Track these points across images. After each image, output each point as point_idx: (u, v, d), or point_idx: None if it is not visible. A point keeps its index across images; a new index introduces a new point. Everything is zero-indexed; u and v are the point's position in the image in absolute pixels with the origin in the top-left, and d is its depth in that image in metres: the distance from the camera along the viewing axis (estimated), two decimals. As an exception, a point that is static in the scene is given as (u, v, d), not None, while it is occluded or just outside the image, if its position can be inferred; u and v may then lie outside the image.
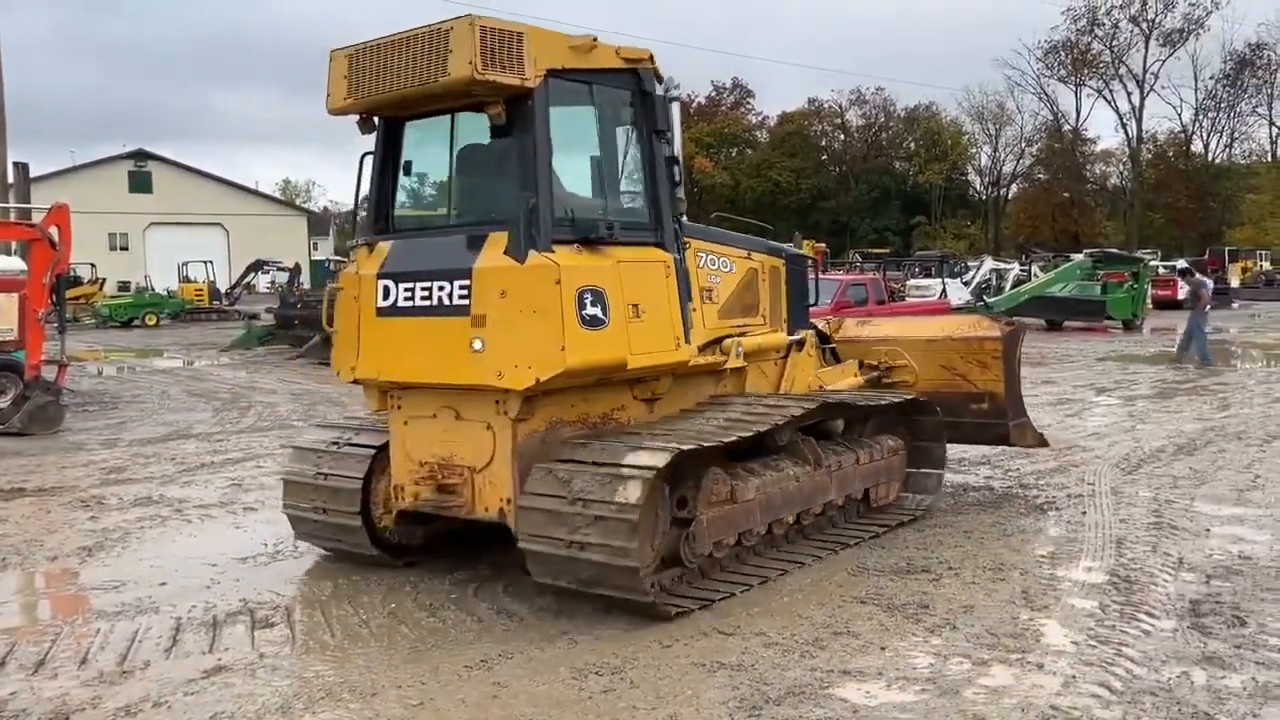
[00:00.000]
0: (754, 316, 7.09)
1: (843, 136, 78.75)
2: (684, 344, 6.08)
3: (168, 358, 24.11)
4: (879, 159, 76.25)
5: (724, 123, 75.19)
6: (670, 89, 6.14)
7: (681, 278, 6.10)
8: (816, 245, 42.44)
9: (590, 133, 5.95)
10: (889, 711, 4.31)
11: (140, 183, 60.48)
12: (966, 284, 32.45)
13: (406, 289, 5.75)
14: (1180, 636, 5.08)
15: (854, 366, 8.31)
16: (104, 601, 6.02)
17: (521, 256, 5.38)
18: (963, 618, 5.38)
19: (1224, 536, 6.89)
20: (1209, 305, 19.77)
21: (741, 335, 6.83)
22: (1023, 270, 35.82)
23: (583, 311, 5.45)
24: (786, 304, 7.51)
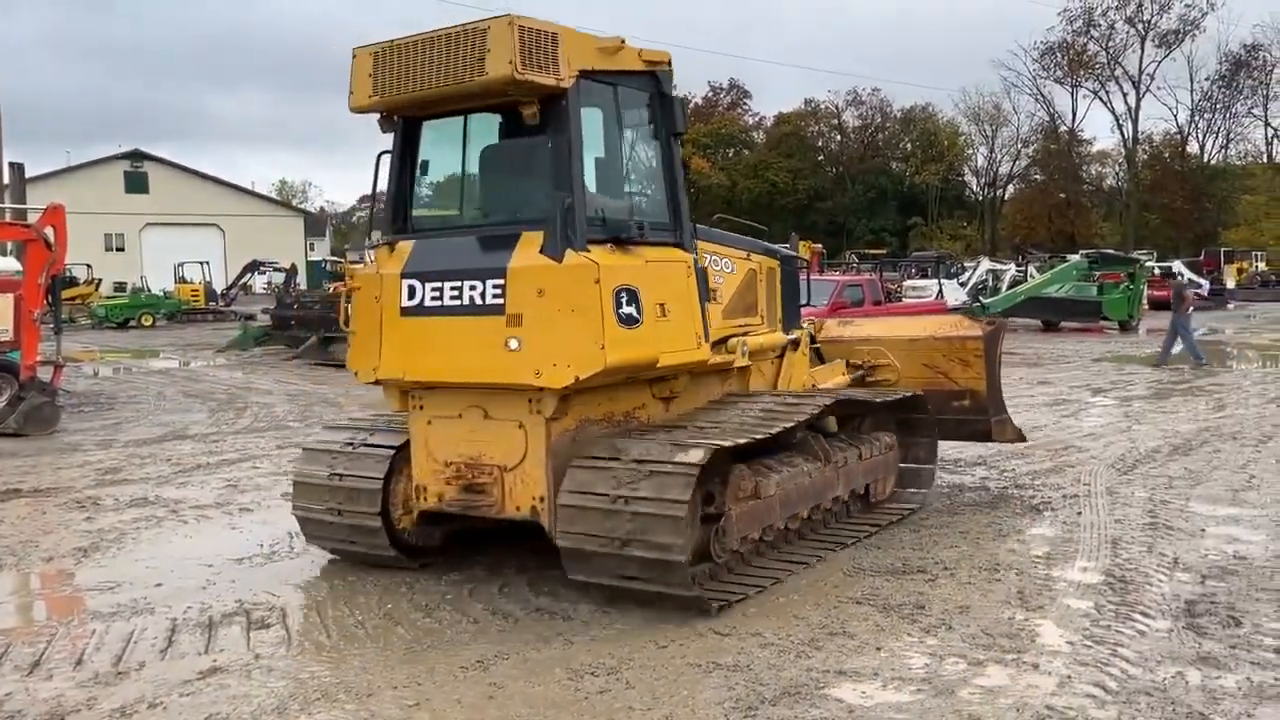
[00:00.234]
0: (753, 316, 7.14)
1: (839, 137, 78.74)
2: (704, 343, 6.16)
3: (164, 358, 24.09)
4: (875, 160, 76.25)
5: (721, 123, 75.18)
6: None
7: (700, 278, 6.19)
8: (813, 246, 42.44)
9: (614, 134, 6.03)
10: (884, 712, 4.31)
11: (136, 183, 60.40)
12: (963, 285, 32.51)
13: (434, 288, 5.72)
14: (1175, 636, 5.08)
15: (842, 365, 8.43)
16: (99, 602, 6.01)
17: (559, 256, 5.40)
18: (958, 618, 5.39)
19: (1219, 537, 6.90)
20: (1192, 307, 19.83)
21: (745, 335, 6.88)
22: (1019, 271, 35.86)
23: (620, 310, 5.49)
24: (781, 304, 7.57)
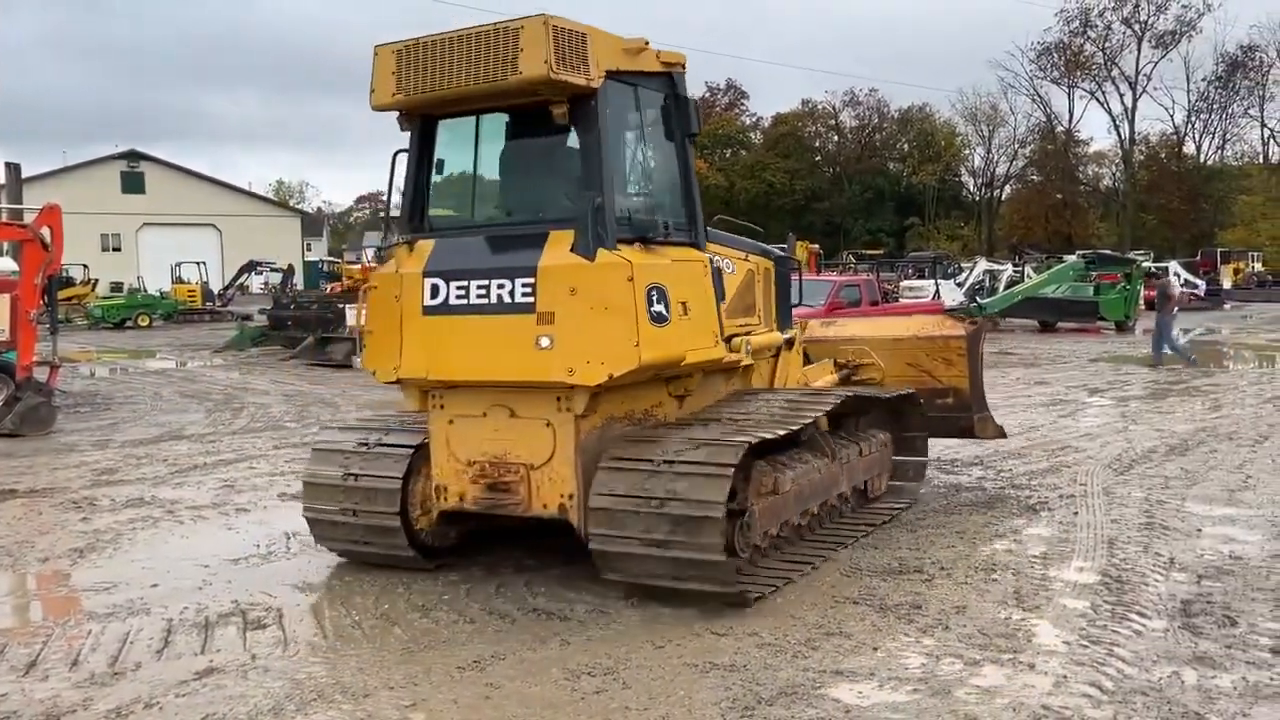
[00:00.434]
0: (752, 316, 7.19)
1: (836, 138, 78.80)
2: (720, 341, 6.24)
3: (160, 359, 24.07)
4: (873, 160, 76.32)
5: (718, 124, 75.20)
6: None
7: (716, 277, 6.26)
8: (810, 246, 42.48)
9: (636, 134, 6.09)
10: (881, 712, 4.31)
11: (133, 183, 60.35)
12: (960, 285, 32.54)
13: (459, 287, 5.71)
14: (1171, 636, 5.09)
15: (830, 365, 8.52)
16: (95, 603, 6.00)
17: (591, 255, 5.43)
18: (955, 618, 5.40)
19: (1215, 537, 6.91)
20: (1177, 307, 19.88)
21: (747, 335, 6.92)
22: (1016, 271, 35.89)
23: (651, 308, 5.56)
24: (775, 305, 7.63)
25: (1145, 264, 36.60)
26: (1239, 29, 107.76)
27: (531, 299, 5.50)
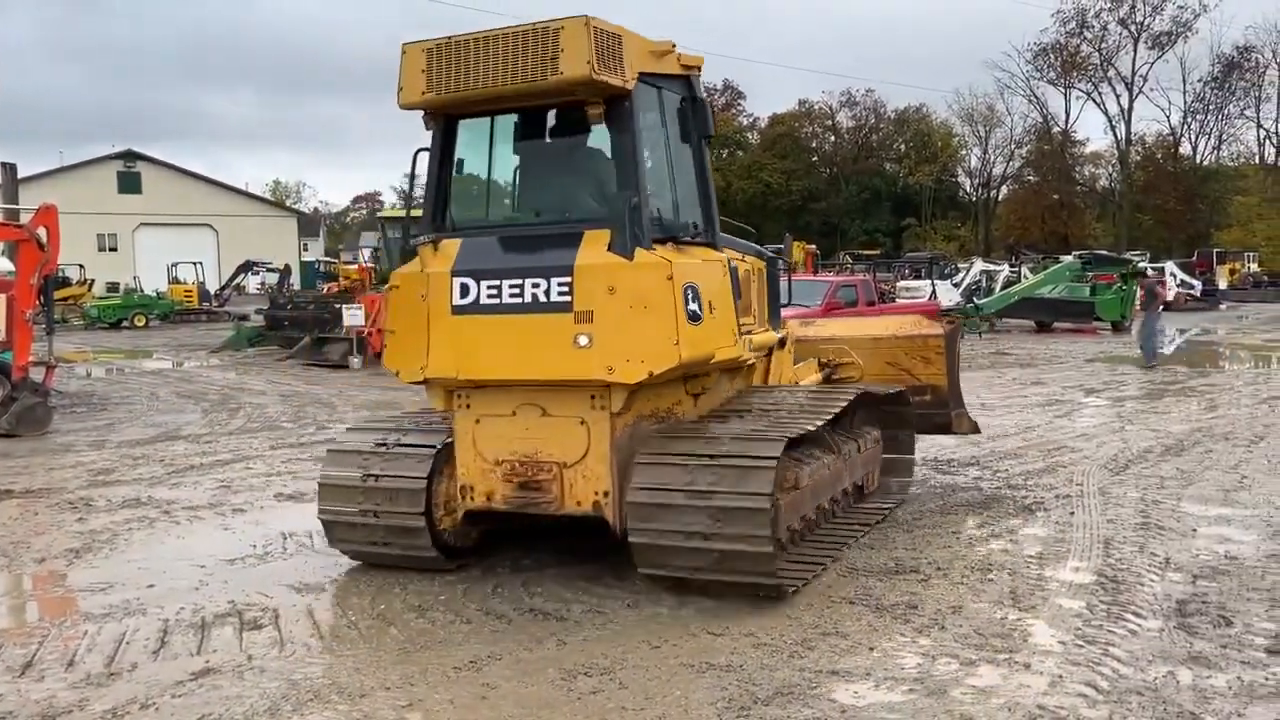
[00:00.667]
0: (748, 316, 7.20)
1: (833, 138, 78.82)
2: (739, 340, 6.32)
3: (157, 359, 24.04)
4: (869, 160, 76.35)
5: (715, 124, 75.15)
6: None
7: (733, 277, 6.32)
8: (807, 247, 42.53)
9: (660, 136, 6.13)
10: (877, 711, 4.32)
11: (129, 183, 60.28)
12: (956, 285, 32.59)
13: (491, 286, 5.70)
14: (1166, 636, 5.10)
15: (814, 364, 8.59)
16: (92, 603, 6.00)
17: (629, 254, 5.48)
18: (951, 618, 5.40)
19: (1210, 537, 6.92)
20: (1162, 306, 19.97)
21: (748, 334, 6.96)
22: (1012, 272, 35.94)
23: (688, 306, 5.61)
24: (767, 304, 7.65)
25: (1141, 264, 36.68)
26: (1235, 30, 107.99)
27: (568, 298, 5.51)
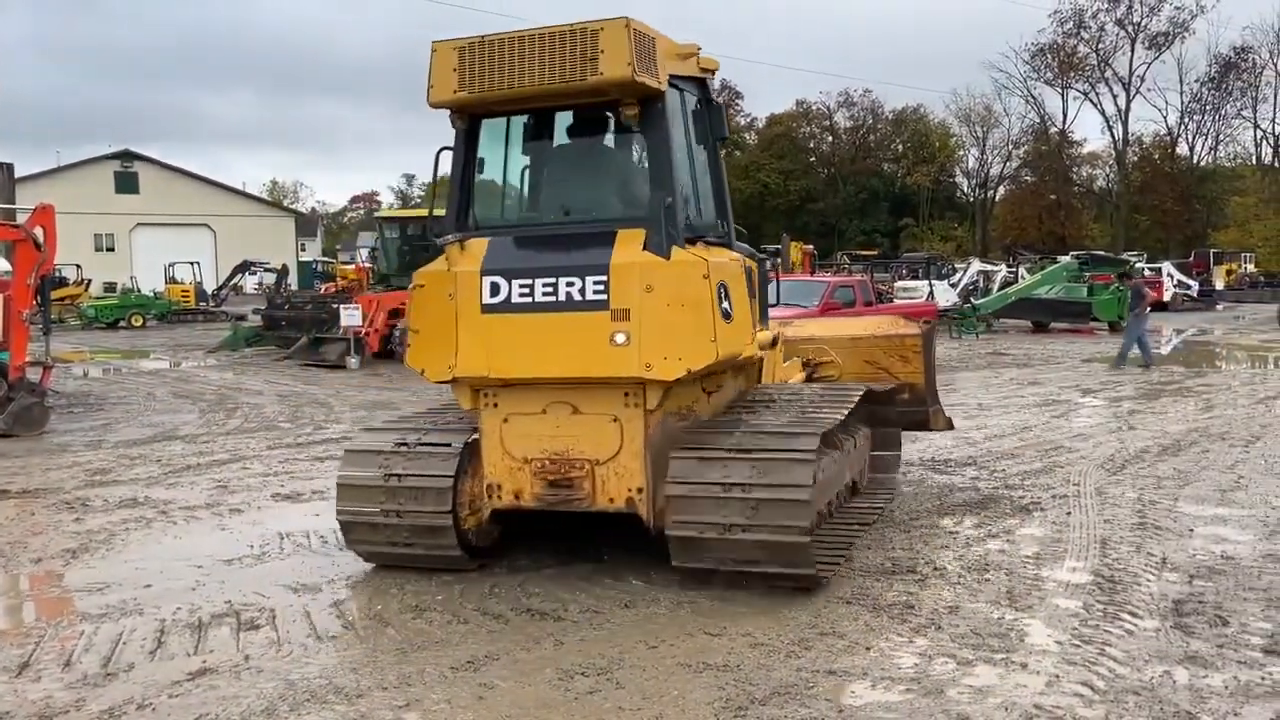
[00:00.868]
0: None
1: (831, 138, 78.90)
2: (755, 338, 6.45)
3: (154, 359, 24.02)
4: (867, 161, 76.43)
5: (712, 124, 75.14)
6: None
7: (748, 276, 6.42)
8: (804, 247, 42.58)
9: (681, 138, 6.19)
10: (874, 711, 4.32)
11: (126, 183, 60.23)
12: (954, 286, 32.63)
13: (523, 285, 5.71)
14: (1163, 636, 5.11)
15: (799, 363, 8.68)
16: (88, 604, 5.99)
17: (665, 253, 5.57)
18: (948, 618, 5.41)
19: (1207, 537, 6.93)
20: (1149, 307, 20.05)
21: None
22: (1010, 272, 36.00)
23: (721, 304, 5.72)
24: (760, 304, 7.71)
25: (1138, 265, 36.75)
26: (1232, 30, 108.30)
27: (604, 296, 5.55)
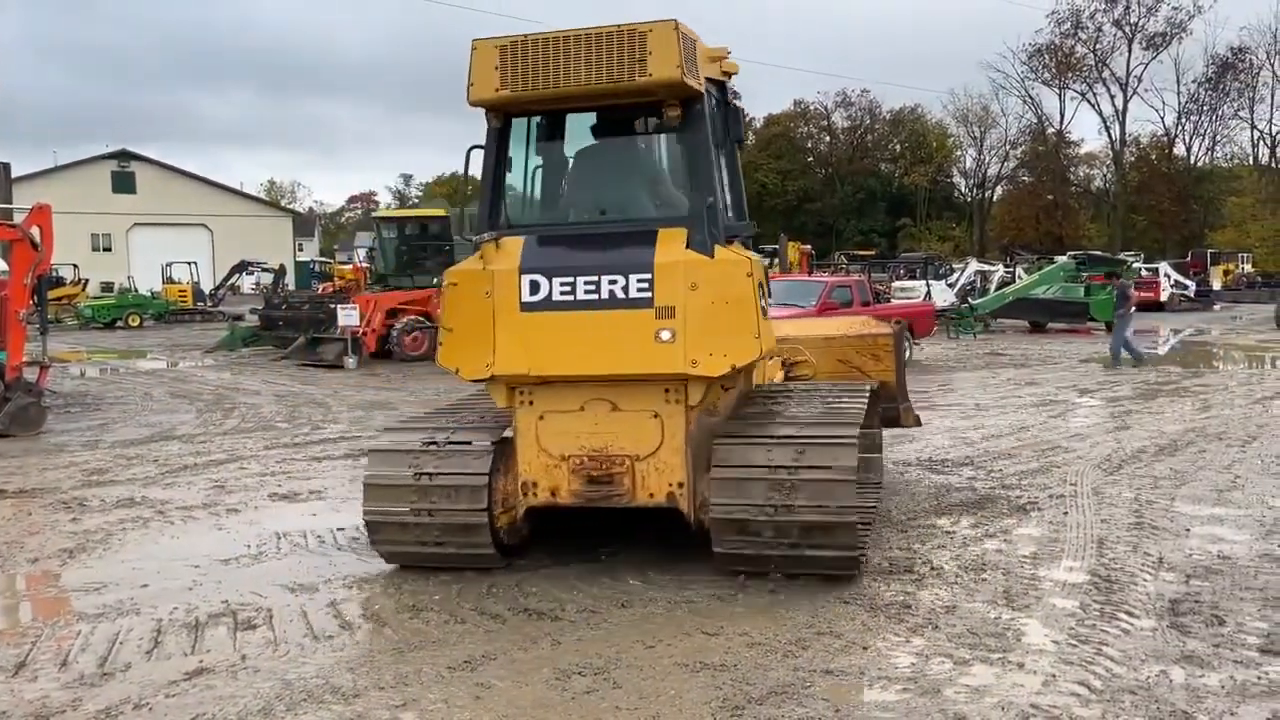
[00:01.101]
0: None
1: (828, 138, 78.97)
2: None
3: (151, 359, 23.99)
4: (865, 161, 76.50)
5: (710, 124, 75.10)
6: None
7: (765, 276, 6.54)
8: (802, 247, 42.64)
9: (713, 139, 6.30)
10: (871, 711, 4.33)
11: (124, 183, 60.17)
12: (951, 286, 32.66)
13: (564, 283, 5.75)
14: (1160, 636, 5.11)
15: (779, 363, 8.75)
16: (85, 603, 5.99)
17: (709, 251, 5.69)
18: (945, 617, 5.41)
19: (1204, 536, 6.94)
20: (1134, 307, 20.16)
21: None
22: (1007, 272, 36.03)
23: (761, 302, 5.86)
24: None
25: (1136, 265, 36.78)
26: (1229, 31, 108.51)
27: (649, 294, 5.64)
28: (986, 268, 37.64)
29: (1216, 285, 46.36)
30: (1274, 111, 68.23)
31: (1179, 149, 70.65)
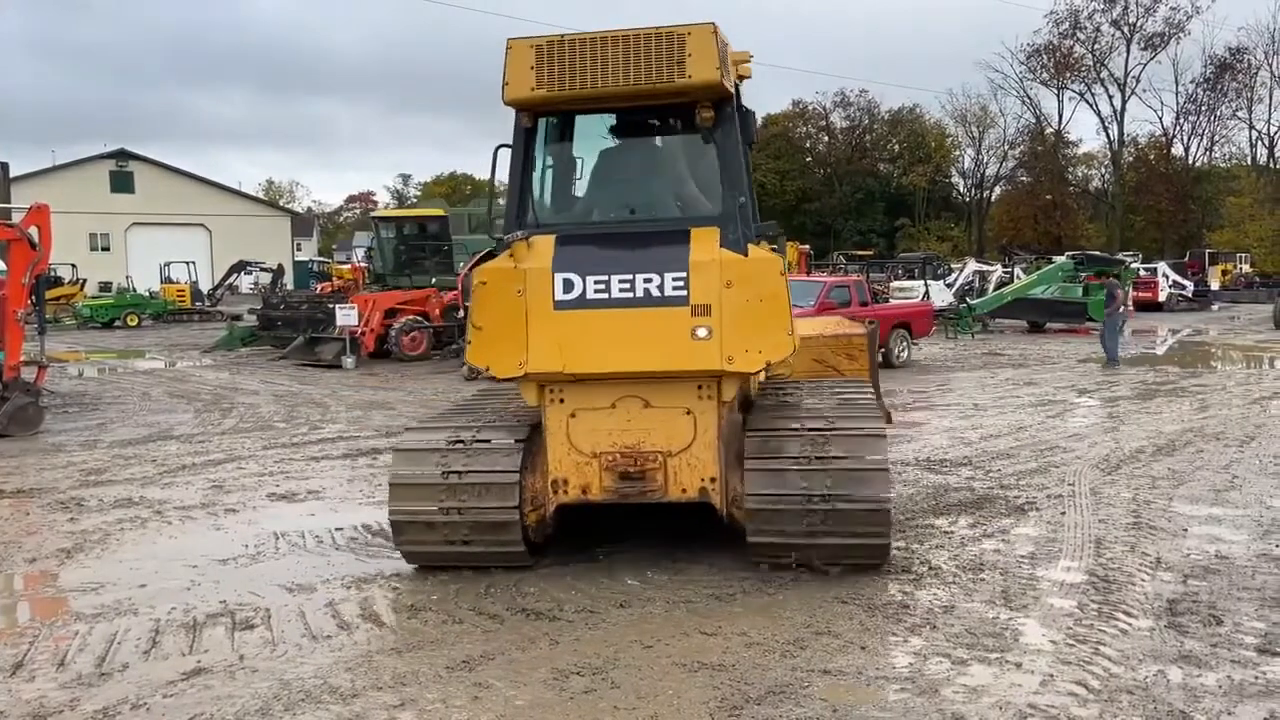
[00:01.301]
0: None
1: (827, 138, 78.96)
2: None
3: (149, 359, 23.97)
4: (863, 161, 76.50)
5: (709, 124, 75.05)
6: None
7: None
8: (800, 247, 42.61)
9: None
10: (868, 710, 4.33)
11: (122, 183, 60.07)
12: (949, 286, 32.67)
13: (598, 282, 5.80)
14: (1157, 635, 5.12)
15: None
16: (83, 603, 5.99)
17: (743, 250, 5.80)
18: (942, 617, 5.41)
19: (1201, 536, 6.95)
20: (1122, 306, 20.22)
21: None
22: (1005, 272, 36.02)
23: (791, 300, 5.97)
24: None
25: (1134, 265, 36.80)
26: (1227, 31, 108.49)
27: (684, 292, 5.72)
28: (985, 268, 37.64)
29: (1215, 285, 46.35)
30: (1272, 111, 68.25)
31: (1177, 149, 70.67)
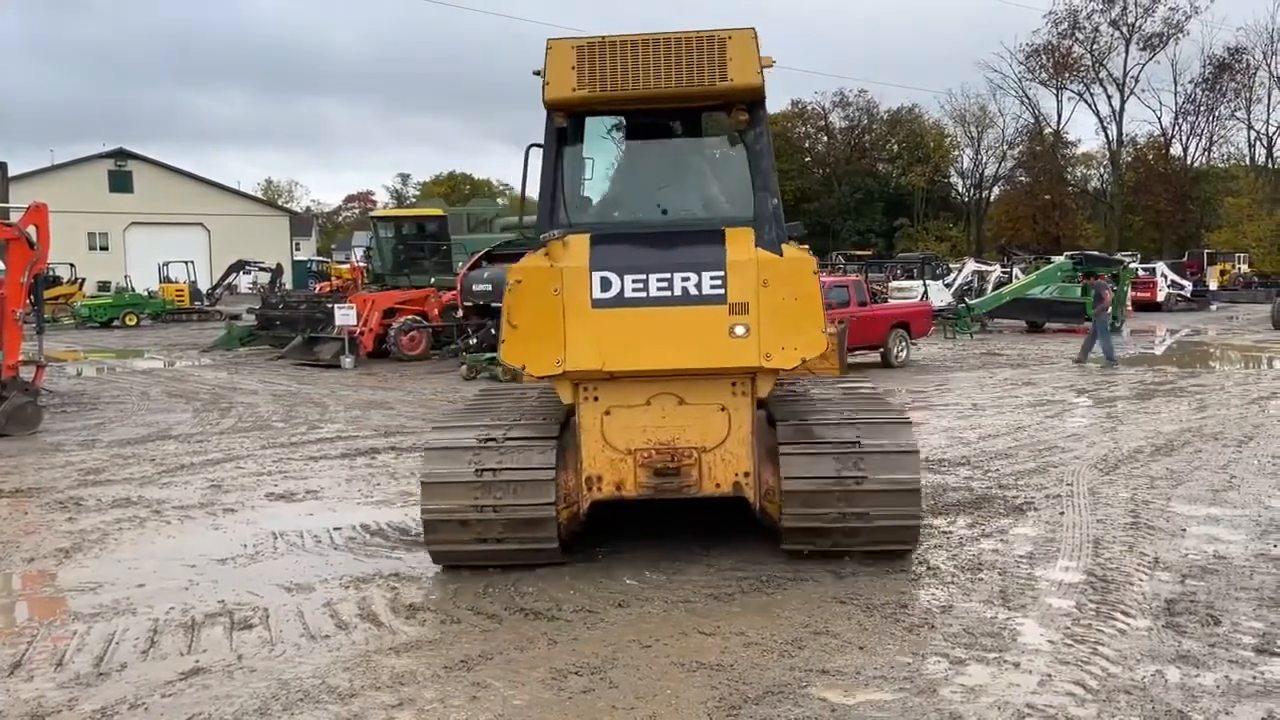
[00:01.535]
0: None
1: (826, 139, 78.98)
2: None
3: (148, 358, 23.96)
4: (862, 161, 76.53)
5: (708, 124, 75.14)
6: None
7: None
8: (799, 247, 42.50)
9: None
10: (867, 710, 4.33)
11: (120, 182, 60.03)
12: (948, 286, 32.69)
13: (636, 281, 5.87)
14: (1155, 635, 5.12)
15: None
16: (81, 603, 5.99)
17: (778, 249, 5.95)
18: (941, 617, 5.42)
19: (1200, 536, 6.95)
20: (1110, 307, 20.26)
21: None
22: (1004, 272, 36.04)
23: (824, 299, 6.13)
24: None
25: (1133, 265, 36.82)
26: (1226, 31, 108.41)
27: (721, 290, 5.83)
28: (984, 268, 37.66)
29: (1213, 285, 46.40)
30: (1270, 112, 68.32)
31: (1176, 149, 70.73)
